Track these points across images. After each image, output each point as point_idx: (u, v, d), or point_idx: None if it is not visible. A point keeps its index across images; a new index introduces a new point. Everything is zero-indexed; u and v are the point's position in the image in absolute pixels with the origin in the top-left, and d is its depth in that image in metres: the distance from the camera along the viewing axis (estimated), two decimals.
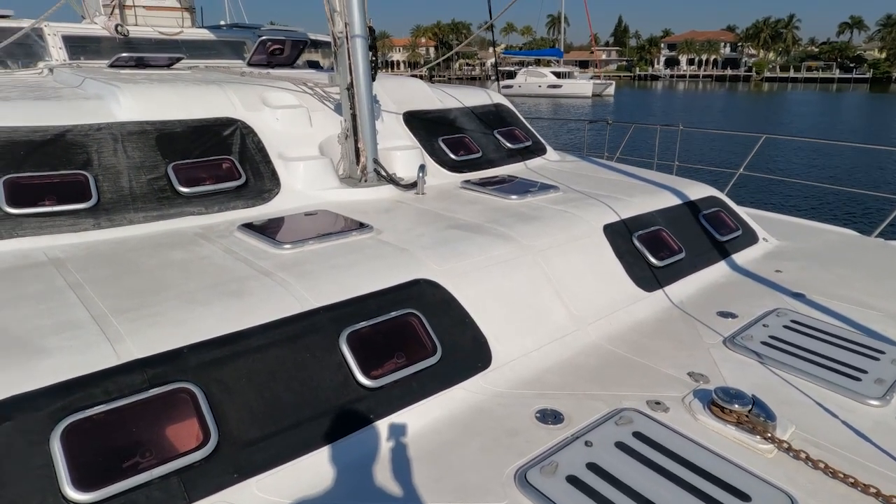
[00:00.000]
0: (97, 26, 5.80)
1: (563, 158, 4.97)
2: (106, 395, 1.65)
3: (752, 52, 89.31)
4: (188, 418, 1.71)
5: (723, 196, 4.10)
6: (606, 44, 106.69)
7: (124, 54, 4.87)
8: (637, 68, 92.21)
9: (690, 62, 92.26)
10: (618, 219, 3.28)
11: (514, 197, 3.50)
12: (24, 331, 1.83)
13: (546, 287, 2.70)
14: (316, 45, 7.41)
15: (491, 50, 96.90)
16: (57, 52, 5.42)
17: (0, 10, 5.64)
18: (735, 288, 3.19)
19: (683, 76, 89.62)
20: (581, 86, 49.95)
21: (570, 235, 3.01)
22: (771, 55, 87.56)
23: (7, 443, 1.50)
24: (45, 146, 2.93)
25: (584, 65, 74.15)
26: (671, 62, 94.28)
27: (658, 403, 2.08)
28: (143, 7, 6.23)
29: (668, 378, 2.27)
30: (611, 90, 49.98)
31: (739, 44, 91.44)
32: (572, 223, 3.11)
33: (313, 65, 7.35)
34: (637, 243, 3.20)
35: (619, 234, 3.19)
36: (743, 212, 4.10)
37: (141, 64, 4.93)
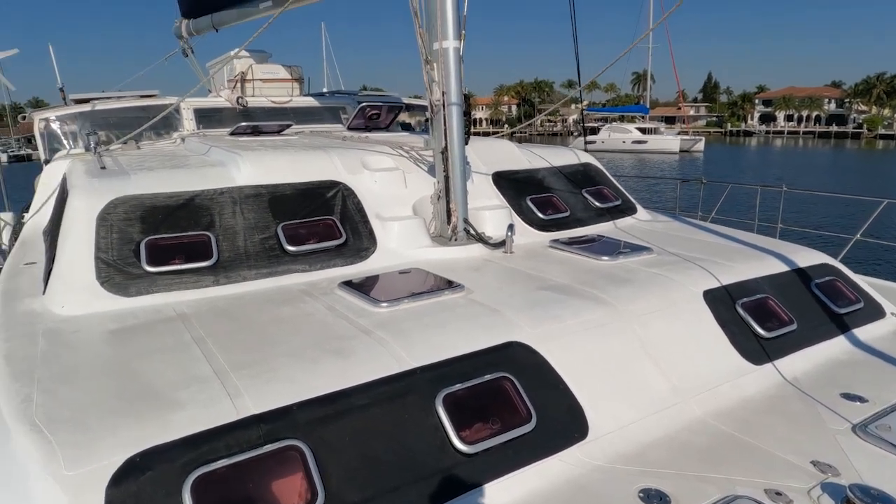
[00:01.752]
0: (222, 99, 6.50)
1: (655, 218, 4.82)
2: (227, 449, 1.74)
3: (863, 108, 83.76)
4: (297, 476, 1.75)
5: (837, 263, 3.80)
6: (695, 100, 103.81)
7: (243, 123, 5.40)
8: (728, 124, 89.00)
9: (789, 118, 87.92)
10: (719, 284, 3.10)
11: (605, 258, 3.43)
12: (159, 383, 2.00)
13: (644, 355, 2.59)
14: (408, 107, 7.85)
15: (573, 106, 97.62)
16: (188, 122, 6.12)
17: (148, 91, 6.50)
18: (860, 368, 2.88)
19: (781, 132, 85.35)
20: (667, 141, 48.77)
21: (667, 301, 2.88)
22: (886, 111, 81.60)
23: (150, 492, 1.61)
24: (178, 210, 3.27)
25: (670, 120, 72.49)
26: (766, 118, 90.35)
27: (779, 494, 1.90)
28: (261, 80, 6.91)
29: (788, 465, 2.07)
30: (700, 146, 48.27)
31: (847, 100, 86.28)
32: (669, 288, 2.99)
33: (405, 126, 7.76)
34: (741, 312, 3.01)
35: (721, 302, 3.01)
36: (863, 281, 3.76)
37: (256, 131, 5.43)
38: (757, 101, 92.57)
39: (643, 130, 51.40)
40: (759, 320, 2.98)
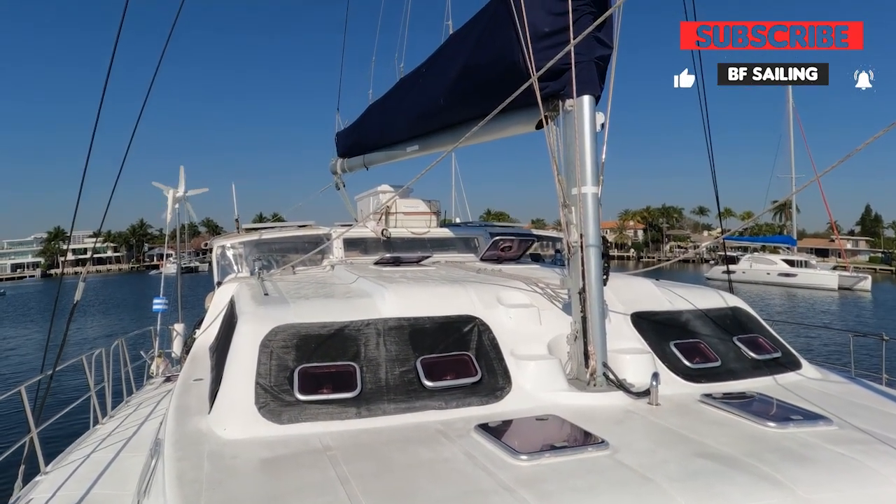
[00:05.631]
0: (367, 230, 7.14)
1: (826, 377, 4.13)
2: None
3: None
4: None
5: None
6: (851, 233, 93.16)
7: (387, 255, 5.83)
8: None
9: None
10: None
11: (771, 424, 2.95)
12: None
13: None
14: (538, 238, 8.05)
15: (706, 233, 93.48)
16: (337, 251, 6.75)
17: (305, 221, 7.38)
18: None
19: None
20: (823, 277, 43.65)
21: (866, 496, 2.34)
22: None
23: None
24: (328, 339, 3.48)
25: (821, 253, 66.04)
26: None
27: None
28: (403, 213, 7.55)
29: None
30: (865, 284, 41.86)
31: None
32: (865, 477, 2.44)
33: (535, 257, 7.90)
34: None
35: None
36: None
37: (398, 262, 5.83)
38: None
39: (790, 263, 47.01)
40: None
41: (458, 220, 13.22)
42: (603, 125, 4.03)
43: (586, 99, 3.89)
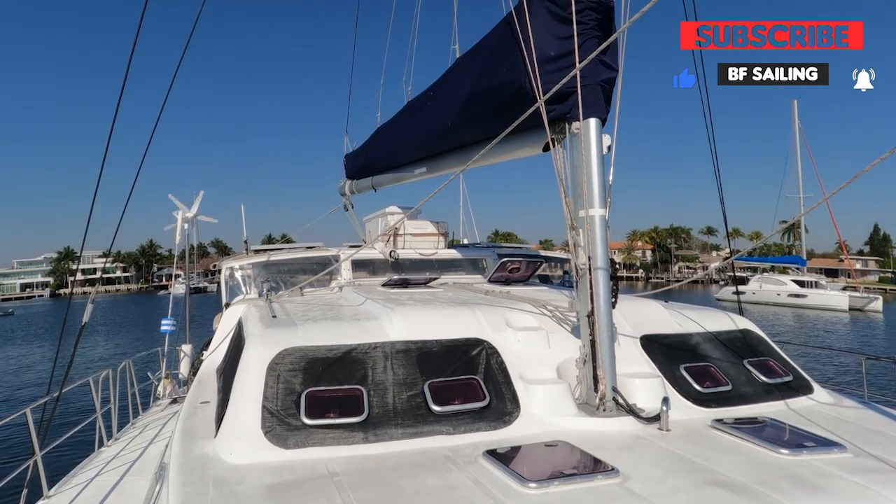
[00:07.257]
0: (376, 251, 7.15)
1: (839, 402, 4.04)
2: None
3: None
4: None
5: None
6: (860, 252, 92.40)
7: (394, 276, 5.82)
8: None
9: None
10: None
11: (784, 451, 2.90)
12: None
13: None
14: (546, 259, 8.02)
15: (715, 254, 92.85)
16: (345, 272, 6.76)
17: (313, 243, 7.41)
18: None
19: None
20: (833, 297, 42.98)
21: None
22: None
23: None
24: (336, 362, 3.46)
25: (831, 273, 65.47)
26: None
27: None
28: (411, 235, 7.57)
29: None
30: (877, 305, 41.21)
31: None
32: None
33: (544, 279, 7.86)
34: None
35: None
36: None
37: (405, 283, 5.82)
38: None
39: (801, 283, 46.36)
40: None
41: (465, 241, 13.23)
42: (609, 147, 4.04)
43: (592, 122, 3.91)
